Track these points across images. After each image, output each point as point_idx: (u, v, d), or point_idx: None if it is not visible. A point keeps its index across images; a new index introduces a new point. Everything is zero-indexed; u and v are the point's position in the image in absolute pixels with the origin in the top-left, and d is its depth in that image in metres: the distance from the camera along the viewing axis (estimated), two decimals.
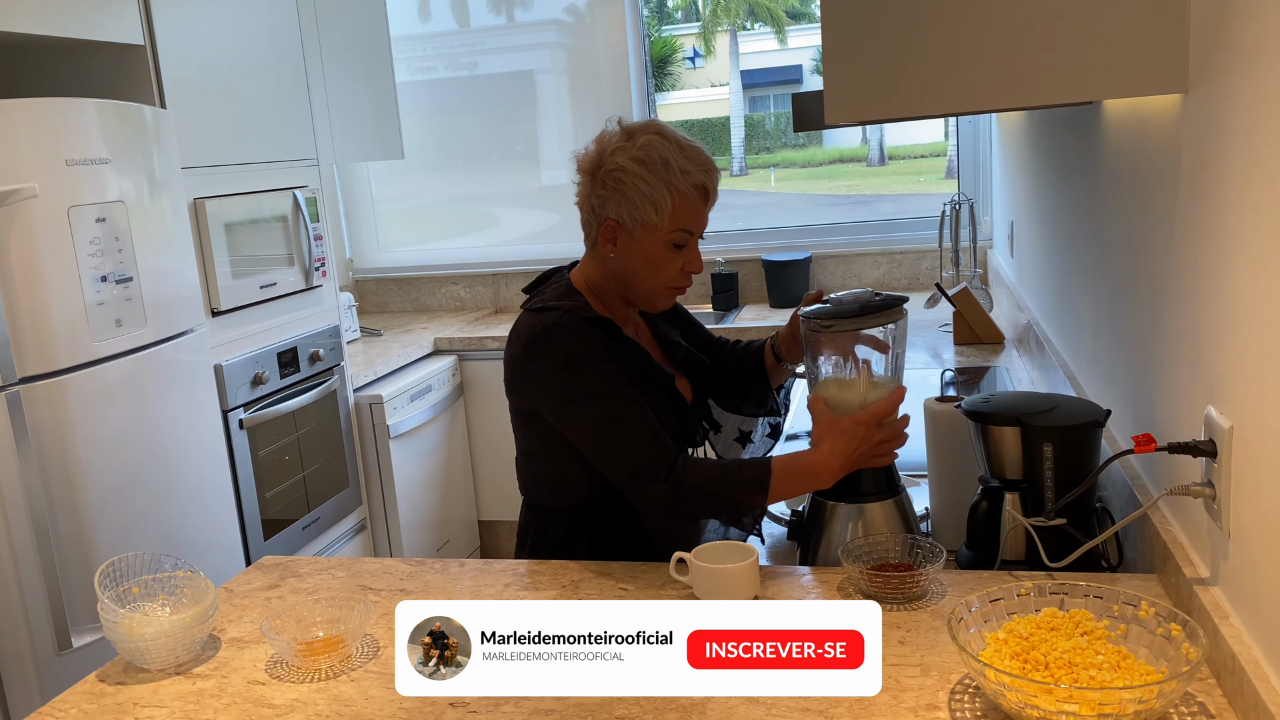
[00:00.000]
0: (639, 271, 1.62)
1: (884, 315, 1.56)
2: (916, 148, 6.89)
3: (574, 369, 1.57)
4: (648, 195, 1.55)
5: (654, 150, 1.56)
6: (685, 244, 1.60)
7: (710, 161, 1.61)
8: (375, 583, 1.59)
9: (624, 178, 1.56)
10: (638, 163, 1.55)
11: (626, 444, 1.55)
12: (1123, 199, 1.63)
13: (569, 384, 1.57)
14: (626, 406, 1.56)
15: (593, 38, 4.40)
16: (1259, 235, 1.02)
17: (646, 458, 1.54)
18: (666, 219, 1.56)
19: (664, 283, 1.63)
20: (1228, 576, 1.14)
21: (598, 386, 1.56)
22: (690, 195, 1.57)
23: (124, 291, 2.45)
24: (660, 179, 1.55)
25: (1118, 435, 1.67)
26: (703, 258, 1.64)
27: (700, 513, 1.58)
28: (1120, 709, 0.99)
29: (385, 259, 4.78)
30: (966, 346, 3.11)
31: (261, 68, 3.22)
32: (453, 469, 4.00)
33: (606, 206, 1.59)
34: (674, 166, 1.55)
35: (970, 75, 1.27)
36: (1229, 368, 1.12)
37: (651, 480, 1.53)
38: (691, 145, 1.60)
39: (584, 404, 1.57)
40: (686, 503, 1.53)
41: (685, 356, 1.80)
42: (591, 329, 1.58)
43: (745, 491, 1.52)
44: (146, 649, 1.34)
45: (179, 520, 2.61)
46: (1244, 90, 1.06)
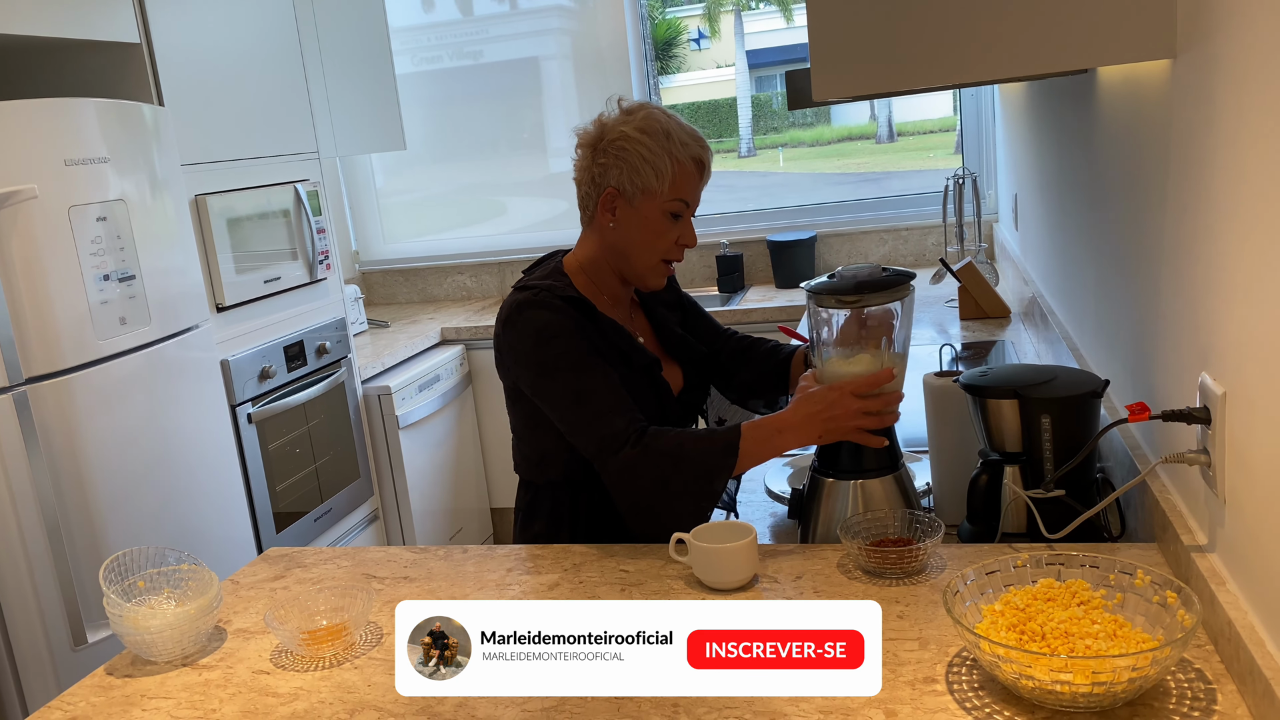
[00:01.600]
0: (636, 241, 1.66)
1: (892, 292, 1.55)
2: (926, 123, 6.84)
3: (544, 343, 1.61)
4: (650, 161, 1.62)
5: (655, 121, 1.64)
6: (681, 215, 1.67)
7: (705, 140, 1.68)
8: (379, 571, 1.60)
9: (627, 145, 1.63)
10: (641, 131, 1.63)
11: (593, 415, 1.58)
12: (1119, 168, 1.62)
13: (540, 358, 1.61)
14: (594, 379, 1.59)
15: (595, 22, 4.39)
16: (1246, 201, 1.01)
17: (613, 428, 1.56)
18: (667, 185, 1.63)
19: (659, 253, 1.68)
20: (1224, 543, 1.14)
21: (566, 360, 1.60)
22: (688, 166, 1.65)
23: (127, 290, 2.47)
24: (662, 147, 1.62)
25: (1118, 404, 1.66)
26: (709, 240, 1.67)
27: (668, 477, 1.54)
28: (1114, 677, 0.99)
29: (391, 250, 4.79)
30: (972, 321, 3.09)
31: (259, 62, 3.23)
32: (463, 457, 4.02)
33: (608, 175, 1.65)
34: (674, 137, 1.63)
35: (955, 46, 1.26)
36: (1221, 334, 1.11)
37: (617, 451, 1.55)
38: (687, 124, 1.68)
39: (552, 377, 1.61)
40: (655, 466, 1.53)
41: (679, 344, 1.80)
42: (565, 305, 1.62)
43: (715, 454, 1.53)
44: (152, 642, 1.35)
45: (191, 516, 2.64)
46: (1229, 54, 1.04)
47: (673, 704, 0.97)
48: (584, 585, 1.46)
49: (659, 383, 1.70)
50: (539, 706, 1.14)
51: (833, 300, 1.54)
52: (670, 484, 1.54)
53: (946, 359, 1.85)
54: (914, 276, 1.57)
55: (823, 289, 1.55)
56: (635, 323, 1.79)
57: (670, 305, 1.86)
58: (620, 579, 1.47)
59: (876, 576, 1.38)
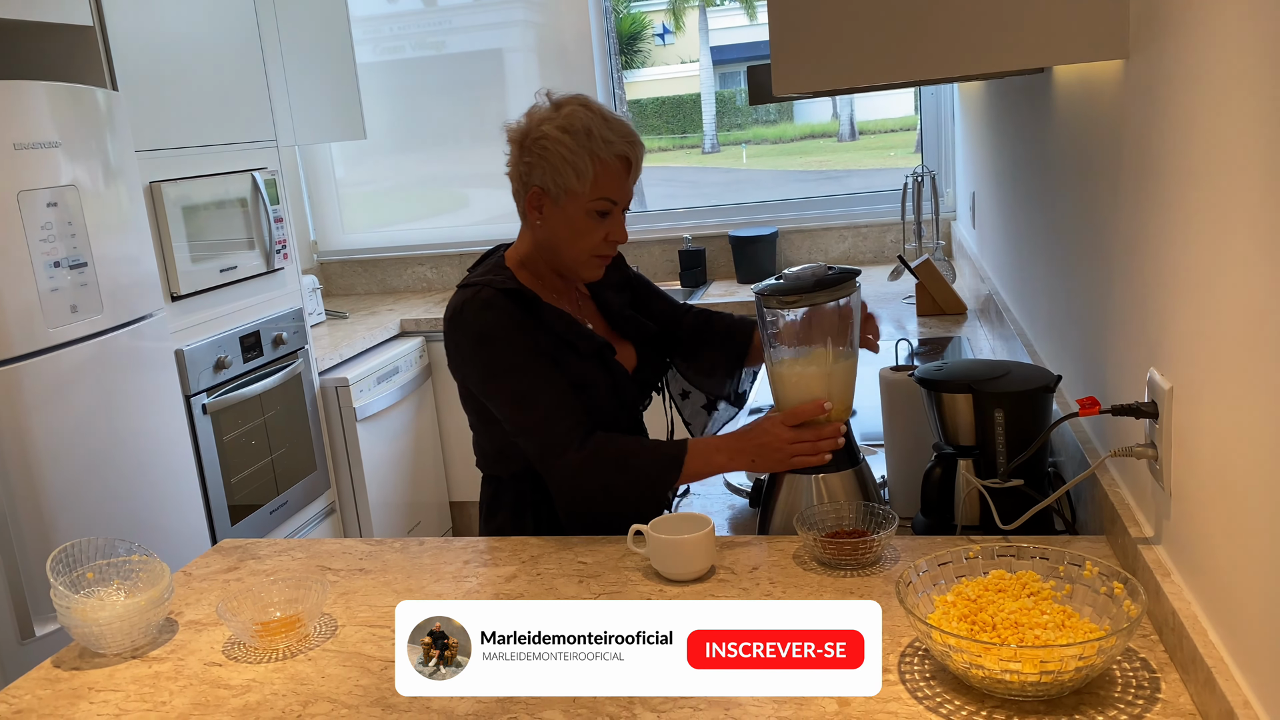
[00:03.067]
0: (563, 239, 1.66)
1: (839, 289, 1.56)
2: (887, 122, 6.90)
3: (486, 344, 1.62)
4: (570, 162, 1.59)
5: (578, 119, 1.60)
6: (608, 212, 1.64)
7: (634, 134, 1.65)
8: (334, 563, 1.59)
9: (548, 145, 1.60)
10: (562, 130, 1.60)
11: (536, 418, 1.61)
12: (1073, 167, 1.65)
13: (483, 359, 1.63)
14: (536, 381, 1.61)
15: (559, 15, 4.37)
16: (1195, 200, 1.03)
17: (555, 432, 1.59)
18: (588, 186, 1.60)
19: (587, 250, 1.66)
20: (1170, 535, 1.16)
21: (508, 362, 1.62)
22: (612, 164, 1.61)
23: (79, 277, 2.42)
24: (583, 146, 1.59)
25: (1070, 400, 1.69)
26: (672, 235, 1.67)
27: (610, 483, 1.58)
28: (1062, 665, 1.00)
29: (350, 241, 4.75)
30: (929, 318, 3.13)
31: (216, 48, 3.18)
32: (422, 450, 3.99)
33: (533, 174, 1.63)
34: (596, 135, 1.60)
35: (913, 43, 1.28)
36: (1169, 330, 1.13)
37: (560, 454, 1.58)
38: (616, 118, 1.64)
39: (495, 380, 1.64)
40: (599, 473, 1.58)
41: (629, 323, 1.82)
42: (507, 301, 1.63)
43: (659, 466, 1.58)
44: (101, 633, 1.33)
45: (143, 508, 2.60)
46: (1179, 55, 1.06)
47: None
48: (542, 577, 1.46)
49: (612, 366, 1.71)
50: (494, 699, 1.15)
51: (775, 301, 1.55)
52: (613, 491, 1.59)
53: (903, 354, 1.87)
54: (859, 273, 1.58)
55: (768, 290, 1.56)
56: (584, 309, 1.80)
57: (618, 287, 1.86)
58: (578, 570, 1.47)
59: (832, 568, 1.39)
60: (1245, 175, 0.90)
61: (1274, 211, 0.84)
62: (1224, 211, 0.95)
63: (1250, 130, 0.88)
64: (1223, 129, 0.95)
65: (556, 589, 1.42)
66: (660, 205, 4.51)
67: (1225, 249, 0.95)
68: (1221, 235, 0.96)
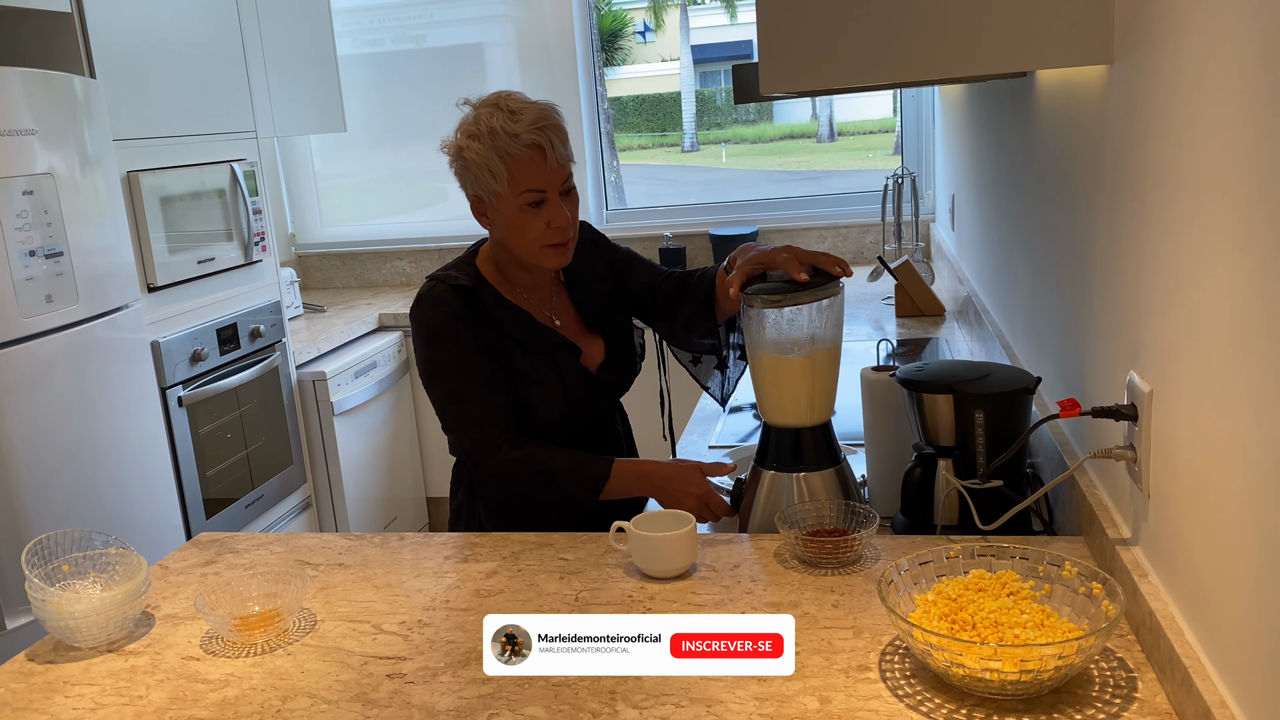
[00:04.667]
0: (510, 238, 1.69)
1: (823, 290, 1.57)
2: (866, 123, 6.92)
3: (432, 341, 1.70)
4: (484, 166, 1.62)
5: (482, 123, 1.62)
6: (540, 202, 1.64)
7: (546, 118, 1.63)
8: (313, 558, 1.58)
9: (466, 155, 1.64)
10: (469, 137, 1.63)
11: (467, 419, 1.69)
12: (1054, 171, 1.66)
13: (427, 355, 1.71)
14: (473, 382, 1.68)
15: (541, 11, 4.35)
16: (1176, 205, 1.05)
17: (485, 434, 1.67)
18: (506, 184, 1.62)
19: (535, 243, 1.67)
20: (1147, 536, 1.17)
21: (448, 361, 1.68)
22: (525, 156, 1.61)
23: (54, 266, 2.39)
24: (489, 148, 1.61)
25: (1049, 402, 1.70)
26: (653, 233, 1.67)
27: (530, 494, 1.70)
28: (1041, 664, 1.01)
29: (329, 234, 4.71)
30: (908, 319, 3.14)
31: (196, 37, 3.15)
32: (399, 445, 3.97)
33: (465, 184, 1.69)
34: (501, 132, 1.60)
35: (900, 45, 1.28)
36: (1150, 334, 1.15)
37: (486, 456, 1.67)
38: (527, 107, 1.63)
39: (435, 376, 1.71)
40: (524, 484, 1.68)
41: (599, 320, 1.82)
42: (457, 297, 1.68)
43: (582, 488, 1.67)
44: (77, 627, 1.32)
45: (116, 500, 2.57)
46: (1163, 62, 1.08)
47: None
48: (523, 573, 1.46)
49: (564, 365, 1.73)
50: (475, 694, 1.15)
51: (760, 301, 1.55)
52: (532, 503, 1.71)
53: (884, 354, 1.88)
54: (838, 279, 1.58)
55: (753, 290, 1.57)
56: (557, 304, 1.80)
57: (601, 277, 1.85)
58: (560, 567, 1.47)
59: (812, 566, 1.40)
60: (1227, 181, 0.91)
61: (1255, 217, 0.85)
62: (1205, 217, 0.96)
63: (1232, 137, 0.89)
64: (1205, 135, 0.96)
65: (537, 585, 1.42)
66: (641, 203, 4.51)
67: (1206, 254, 0.96)
68: (1202, 240, 0.97)
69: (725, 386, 1.92)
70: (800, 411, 1.58)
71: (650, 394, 1.99)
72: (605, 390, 1.81)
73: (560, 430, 1.74)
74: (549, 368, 1.72)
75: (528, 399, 1.71)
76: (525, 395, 1.71)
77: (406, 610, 1.38)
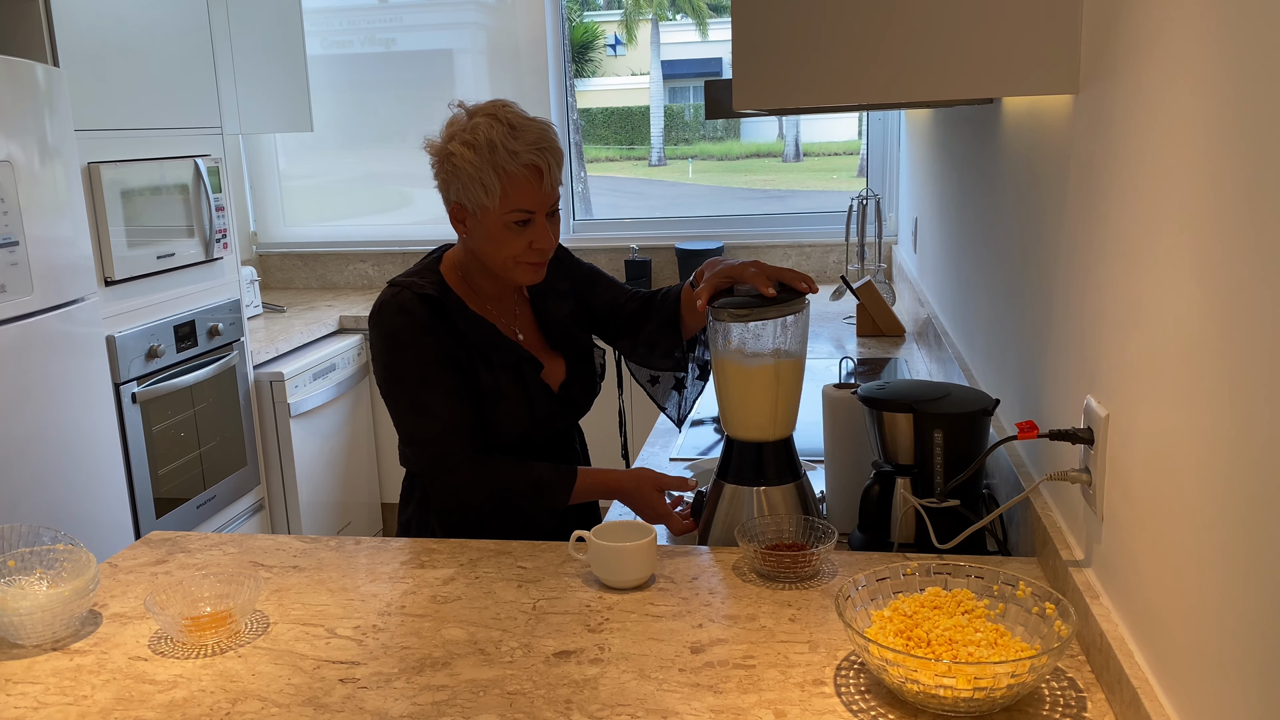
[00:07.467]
0: (486, 250, 1.66)
1: (790, 306, 1.58)
2: (831, 145, 6.98)
3: (393, 349, 1.66)
4: (476, 178, 1.58)
5: (480, 133, 1.58)
6: (527, 221, 1.62)
7: (545, 140, 1.61)
8: (267, 559, 1.56)
9: (456, 162, 1.60)
10: (466, 146, 1.59)
11: (428, 433, 1.66)
12: (1017, 197, 1.69)
13: (387, 362, 1.67)
14: (435, 394, 1.65)
15: (513, 19, 4.36)
16: (1135, 233, 1.07)
17: (443, 450, 1.65)
18: (497, 201, 1.59)
19: (513, 259, 1.65)
20: (1100, 558, 1.19)
21: (410, 370, 1.65)
22: (521, 176, 1.59)
23: (9, 256, 2.35)
24: (486, 161, 1.57)
25: (1006, 424, 1.73)
26: (619, 244, 1.67)
27: (487, 512, 1.67)
28: (994, 682, 1.03)
29: (292, 234, 4.67)
30: (869, 338, 3.18)
31: (164, 28, 3.11)
32: (355, 450, 3.94)
33: (449, 190, 1.64)
34: (501, 148, 1.57)
35: (874, 68, 1.30)
36: (1108, 359, 1.17)
37: (445, 472, 1.65)
38: (527, 125, 1.60)
39: (395, 385, 1.67)
40: (481, 501, 1.65)
41: (563, 337, 1.81)
42: (422, 306, 1.65)
43: (541, 507, 1.66)
44: (21, 624, 1.29)
45: (64, 497, 2.52)
46: (1126, 93, 1.10)
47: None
48: (480, 581, 1.45)
49: (529, 380, 1.72)
50: (429, 700, 1.14)
51: (727, 315, 1.56)
52: (489, 520, 1.67)
53: (845, 371, 1.90)
54: (804, 295, 1.60)
55: (720, 304, 1.58)
56: (520, 318, 1.79)
57: (563, 294, 1.85)
58: (518, 575, 1.46)
59: (770, 580, 1.41)
60: (1185, 211, 0.93)
61: (1212, 246, 0.87)
62: (1164, 246, 0.99)
63: (1192, 168, 0.92)
64: (1165, 166, 0.98)
65: (495, 593, 1.41)
66: (607, 214, 4.52)
67: (1164, 282, 0.99)
68: (1161, 268, 0.99)
69: (682, 407, 1.92)
70: (763, 425, 1.59)
71: (609, 413, 1.99)
72: (567, 409, 1.80)
73: (520, 448, 1.72)
74: (513, 383, 1.70)
75: (491, 414, 1.68)
76: (489, 411, 1.68)
77: (361, 615, 1.36)
